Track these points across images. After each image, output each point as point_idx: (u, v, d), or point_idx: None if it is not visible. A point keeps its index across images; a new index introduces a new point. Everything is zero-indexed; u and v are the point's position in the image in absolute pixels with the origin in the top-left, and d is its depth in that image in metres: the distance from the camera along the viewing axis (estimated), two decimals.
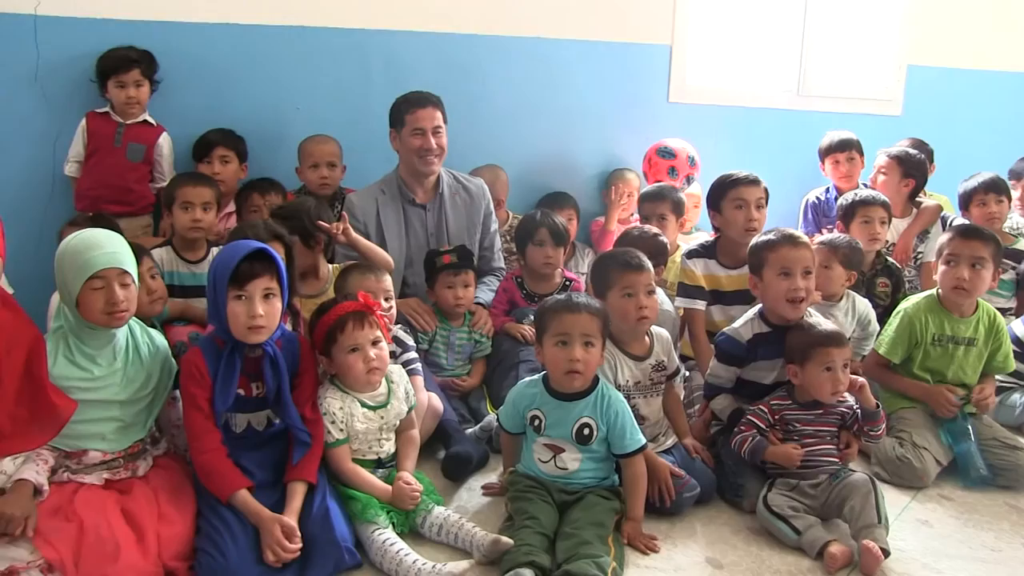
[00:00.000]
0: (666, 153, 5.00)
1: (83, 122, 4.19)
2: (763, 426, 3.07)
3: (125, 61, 4.15)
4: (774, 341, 3.18)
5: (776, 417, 3.07)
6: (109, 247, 2.63)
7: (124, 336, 2.70)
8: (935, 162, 5.25)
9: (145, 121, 4.24)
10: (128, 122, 4.18)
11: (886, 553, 2.69)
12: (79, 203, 4.18)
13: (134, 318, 2.75)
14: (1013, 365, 3.67)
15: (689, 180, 5.01)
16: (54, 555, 2.32)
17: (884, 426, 3.12)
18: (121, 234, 2.80)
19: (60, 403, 2.45)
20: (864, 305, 3.89)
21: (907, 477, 3.29)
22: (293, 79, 4.61)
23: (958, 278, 3.44)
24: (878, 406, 3.06)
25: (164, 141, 4.27)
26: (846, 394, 3.07)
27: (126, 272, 2.63)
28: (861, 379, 3.08)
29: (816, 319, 3.22)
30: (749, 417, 3.10)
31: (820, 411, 3.07)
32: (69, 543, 2.36)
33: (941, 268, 3.51)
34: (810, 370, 3.02)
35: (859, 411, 3.08)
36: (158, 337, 2.86)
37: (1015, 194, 4.96)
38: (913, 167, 4.80)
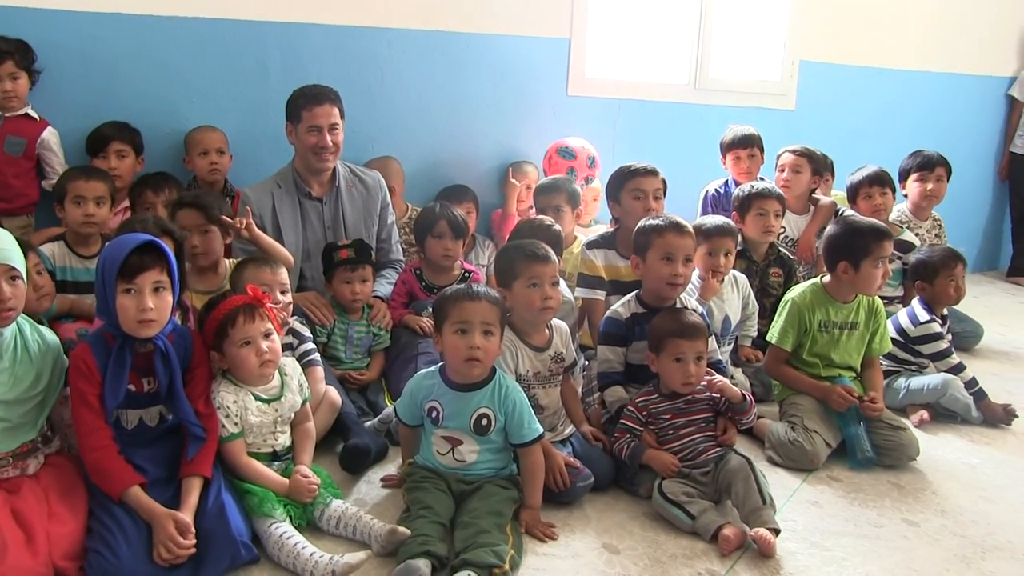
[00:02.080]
0: (566, 153, 5.05)
1: None
2: (636, 427, 3.12)
3: None
4: (650, 321, 3.25)
5: (644, 414, 3.12)
6: None
7: (11, 334, 2.61)
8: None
9: (26, 115, 4.07)
10: (7, 115, 4.02)
11: (776, 532, 2.78)
12: None
13: (23, 315, 2.67)
14: (890, 346, 3.83)
15: (588, 180, 5.07)
16: None
17: (754, 413, 3.21)
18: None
19: None
20: (743, 279, 4.06)
21: (799, 460, 3.39)
22: (187, 71, 4.50)
23: (885, 274, 3.58)
24: (745, 398, 3.13)
25: (50, 135, 4.11)
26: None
27: (14, 268, 2.55)
28: (720, 380, 3.14)
29: (689, 306, 3.35)
30: (622, 421, 3.15)
31: (687, 398, 3.12)
32: None
33: (871, 270, 3.54)
34: (662, 360, 3.10)
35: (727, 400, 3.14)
36: (49, 335, 2.77)
37: (915, 188, 5.16)
38: (821, 165, 4.94)
